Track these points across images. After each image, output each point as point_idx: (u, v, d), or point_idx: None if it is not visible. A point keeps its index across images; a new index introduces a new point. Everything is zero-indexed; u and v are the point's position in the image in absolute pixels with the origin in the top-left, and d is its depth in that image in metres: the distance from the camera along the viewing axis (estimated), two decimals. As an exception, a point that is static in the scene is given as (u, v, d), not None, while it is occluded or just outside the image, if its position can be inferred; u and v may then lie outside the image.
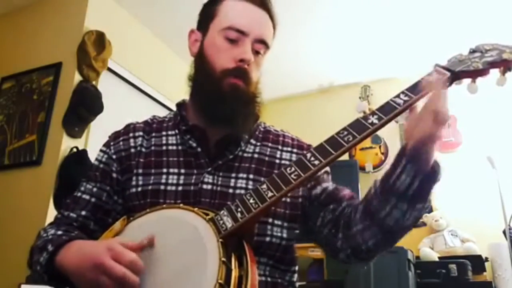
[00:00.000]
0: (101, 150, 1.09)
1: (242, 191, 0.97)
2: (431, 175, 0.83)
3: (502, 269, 2.94)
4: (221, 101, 0.99)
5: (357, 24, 3.29)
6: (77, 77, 2.76)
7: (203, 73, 1.02)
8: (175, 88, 1.14)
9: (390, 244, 0.93)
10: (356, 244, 0.93)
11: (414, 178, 0.83)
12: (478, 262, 2.91)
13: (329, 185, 1.06)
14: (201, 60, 1.04)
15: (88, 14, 2.89)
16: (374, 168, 3.56)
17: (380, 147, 3.63)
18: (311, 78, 4.02)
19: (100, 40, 2.80)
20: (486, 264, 2.97)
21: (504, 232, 2.70)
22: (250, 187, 0.98)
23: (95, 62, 2.76)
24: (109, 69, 2.96)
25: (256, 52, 1.02)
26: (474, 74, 0.88)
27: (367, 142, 3.64)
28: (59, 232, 0.96)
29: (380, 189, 0.88)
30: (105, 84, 2.90)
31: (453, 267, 2.75)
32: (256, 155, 1.05)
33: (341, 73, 3.93)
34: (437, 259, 2.99)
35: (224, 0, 1.05)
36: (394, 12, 3.15)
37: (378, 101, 2.77)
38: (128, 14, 3.22)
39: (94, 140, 2.75)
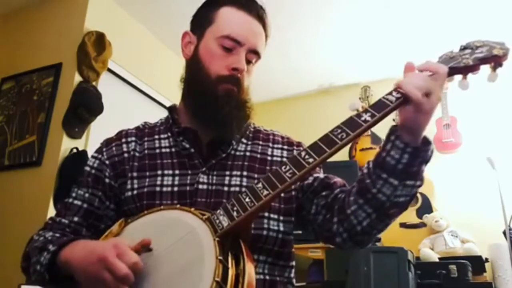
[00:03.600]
0: (92, 156, 1.10)
1: (237, 189, 0.99)
2: (419, 150, 0.86)
3: (503, 269, 2.93)
4: (215, 105, 1.01)
5: (358, 25, 3.30)
6: (77, 78, 2.76)
7: (198, 77, 1.05)
8: (175, 89, 1.16)
9: (384, 223, 0.94)
10: (351, 226, 0.95)
11: (403, 153, 0.86)
12: (478, 263, 2.89)
13: (320, 174, 1.09)
14: (195, 64, 1.06)
15: (88, 14, 2.89)
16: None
17: (380, 147, 3.62)
18: (311, 79, 4.02)
19: (100, 41, 2.80)
20: (487, 265, 2.96)
21: (504, 232, 2.70)
22: (244, 184, 1.00)
23: (95, 62, 2.76)
24: (109, 70, 2.97)
25: (248, 62, 1.05)
26: (465, 70, 0.90)
27: (367, 143, 3.63)
28: (57, 235, 0.97)
29: (372, 167, 0.91)
30: (105, 84, 2.90)
31: (453, 267, 2.74)
32: (248, 153, 1.08)
33: (341, 74, 3.93)
34: (437, 260, 2.98)
35: (222, 7, 1.07)
36: (395, 13, 3.15)
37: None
38: (128, 15, 3.23)
39: (94, 141, 2.75)
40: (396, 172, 0.87)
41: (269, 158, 1.08)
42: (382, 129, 0.88)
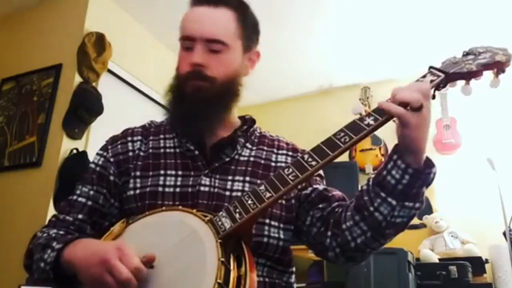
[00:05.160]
0: (97, 154, 1.10)
1: (239, 193, 0.98)
2: (421, 173, 0.85)
3: (503, 270, 2.93)
4: (182, 101, 1.03)
5: (358, 25, 3.30)
6: (77, 79, 2.77)
7: (173, 80, 1.07)
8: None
9: (378, 243, 0.93)
10: (345, 241, 0.94)
11: (403, 173, 0.85)
12: (478, 264, 2.90)
13: (320, 186, 1.08)
14: (175, 71, 1.09)
15: (88, 15, 2.89)
16: (374, 169, 3.55)
17: (380, 148, 3.63)
18: (311, 79, 4.02)
19: (100, 42, 2.80)
20: (487, 265, 2.96)
21: (504, 233, 2.70)
22: (246, 189, 1.00)
23: (95, 63, 2.76)
24: (109, 71, 2.97)
25: (213, 51, 1.03)
26: (468, 75, 0.90)
27: (367, 144, 3.64)
28: (61, 232, 0.97)
29: (372, 184, 0.90)
30: (105, 85, 2.90)
31: (453, 268, 2.74)
32: (252, 158, 1.07)
33: (341, 75, 3.93)
34: (437, 261, 2.99)
35: (189, 9, 1.08)
36: (395, 14, 3.15)
37: (378, 102, 2.79)
38: (128, 16, 3.23)
39: (94, 142, 2.75)
40: (395, 193, 0.86)
41: (273, 164, 1.08)
42: (382, 130, 0.88)
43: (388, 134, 3.60)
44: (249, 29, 1.09)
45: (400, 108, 0.81)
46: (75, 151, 2.66)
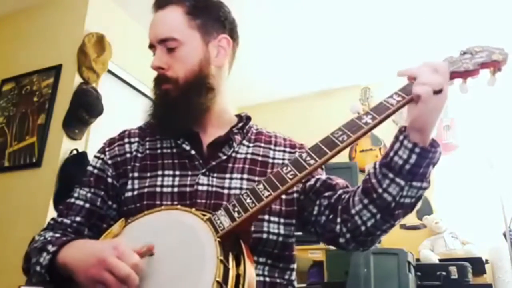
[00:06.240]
0: (95, 156, 1.10)
1: (237, 191, 0.99)
2: (428, 151, 0.86)
3: (503, 271, 2.93)
4: (157, 106, 1.07)
5: (357, 26, 3.30)
6: (77, 79, 2.77)
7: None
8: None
9: (388, 224, 0.94)
10: (355, 226, 0.94)
11: (411, 153, 0.86)
12: (478, 265, 2.90)
13: (322, 175, 1.09)
14: None
15: (88, 16, 2.90)
16: (374, 170, 3.55)
17: (380, 149, 3.62)
18: (311, 80, 4.03)
19: (100, 42, 2.80)
20: (487, 266, 2.96)
21: (504, 234, 2.70)
22: (244, 187, 1.00)
23: (95, 64, 2.76)
24: (109, 71, 2.97)
25: (171, 49, 1.05)
26: (465, 74, 0.91)
27: (368, 144, 3.64)
28: (57, 235, 0.97)
29: (379, 166, 0.91)
30: (105, 86, 2.91)
31: (453, 269, 2.74)
32: (249, 156, 1.08)
33: (341, 75, 3.94)
34: (437, 261, 2.99)
35: None
36: (394, 15, 3.16)
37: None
38: (128, 16, 3.23)
39: (94, 142, 2.75)
40: (403, 172, 0.87)
41: (270, 160, 1.08)
42: (382, 130, 0.88)
43: (388, 134, 3.61)
44: (204, 17, 1.08)
45: (429, 89, 0.83)
46: (75, 152, 2.66)
